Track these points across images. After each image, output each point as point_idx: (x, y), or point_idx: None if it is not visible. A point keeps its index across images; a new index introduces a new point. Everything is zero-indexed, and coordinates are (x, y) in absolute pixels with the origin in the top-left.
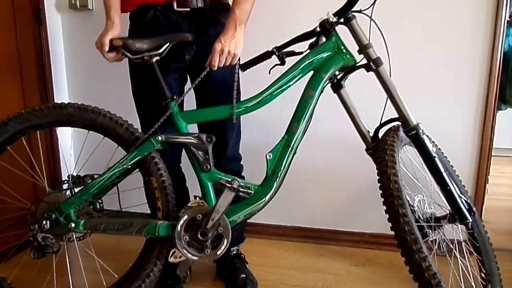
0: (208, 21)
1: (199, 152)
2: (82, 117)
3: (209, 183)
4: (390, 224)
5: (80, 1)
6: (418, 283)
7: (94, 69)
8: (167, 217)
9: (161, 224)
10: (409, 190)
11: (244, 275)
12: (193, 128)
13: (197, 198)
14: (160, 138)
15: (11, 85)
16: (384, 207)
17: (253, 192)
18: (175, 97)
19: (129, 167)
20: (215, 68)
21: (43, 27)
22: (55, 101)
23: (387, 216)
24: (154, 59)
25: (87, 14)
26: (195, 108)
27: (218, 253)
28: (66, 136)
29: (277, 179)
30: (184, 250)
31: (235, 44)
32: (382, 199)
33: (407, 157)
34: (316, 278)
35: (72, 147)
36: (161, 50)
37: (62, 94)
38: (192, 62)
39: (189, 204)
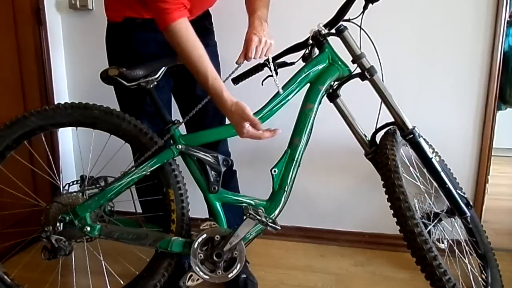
0: (197, 28)
1: (213, 172)
2: (107, 120)
3: (217, 203)
4: (391, 226)
5: (80, 1)
6: (429, 281)
7: (94, 69)
8: (181, 230)
9: (175, 240)
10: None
11: (244, 275)
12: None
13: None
14: (180, 147)
15: (11, 85)
16: (391, 211)
17: (279, 228)
18: (175, 121)
19: (148, 173)
20: (250, 61)
21: (43, 27)
22: (56, 101)
23: (391, 217)
24: (151, 85)
25: (87, 14)
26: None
27: (230, 276)
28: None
29: (285, 193)
30: (196, 268)
31: (268, 35)
32: (389, 204)
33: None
34: (316, 278)
35: (73, 148)
36: (157, 75)
37: (62, 94)
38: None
39: (201, 227)
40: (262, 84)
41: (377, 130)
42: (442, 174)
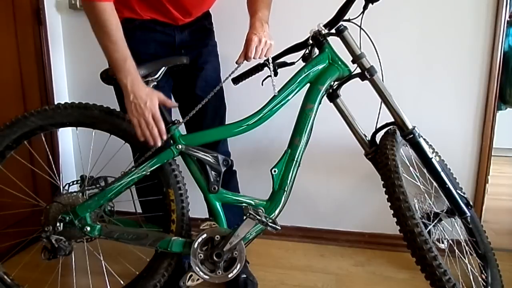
0: (197, 28)
1: (213, 172)
2: (107, 120)
3: (217, 203)
4: (391, 226)
5: (80, 1)
6: (429, 281)
7: (94, 69)
8: (181, 230)
9: (175, 240)
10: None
11: (244, 275)
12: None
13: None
14: (180, 147)
15: (11, 85)
16: (391, 211)
17: (279, 228)
18: (175, 121)
19: (148, 173)
20: (250, 61)
21: (43, 27)
22: (56, 101)
23: (391, 217)
24: (151, 85)
25: None
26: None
27: (230, 276)
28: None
29: (285, 193)
30: (196, 268)
31: (268, 35)
32: (389, 204)
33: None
34: (316, 278)
35: (73, 148)
36: (157, 75)
37: (62, 94)
38: (183, 65)
39: (201, 227)
40: (262, 84)
41: (377, 130)
42: (442, 174)
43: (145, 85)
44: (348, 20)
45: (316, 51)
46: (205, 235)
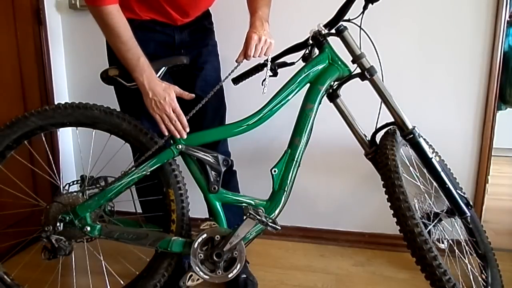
0: (197, 28)
1: (213, 172)
2: (107, 120)
3: (217, 203)
4: (391, 226)
5: (80, 1)
6: (429, 281)
7: (94, 69)
8: (181, 230)
9: (175, 240)
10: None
11: (244, 275)
12: None
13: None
14: (180, 147)
15: (11, 85)
16: (391, 211)
17: (279, 228)
18: None
19: (148, 173)
20: (250, 59)
21: (43, 27)
22: (56, 101)
23: (391, 217)
24: None
25: (87, 14)
26: None
27: (230, 276)
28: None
29: (285, 193)
30: (196, 267)
31: (268, 34)
32: (389, 204)
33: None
34: (316, 278)
35: (73, 148)
36: (157, 75)
37: (62, 94)
38: (183, 65)
39: (201, 227)
40: (262, 84)
41: (377, 130)
42: (442, 174)
43: (161, 80)
44: (348, 20)
45: (316, 51)
46: (205, 235)
